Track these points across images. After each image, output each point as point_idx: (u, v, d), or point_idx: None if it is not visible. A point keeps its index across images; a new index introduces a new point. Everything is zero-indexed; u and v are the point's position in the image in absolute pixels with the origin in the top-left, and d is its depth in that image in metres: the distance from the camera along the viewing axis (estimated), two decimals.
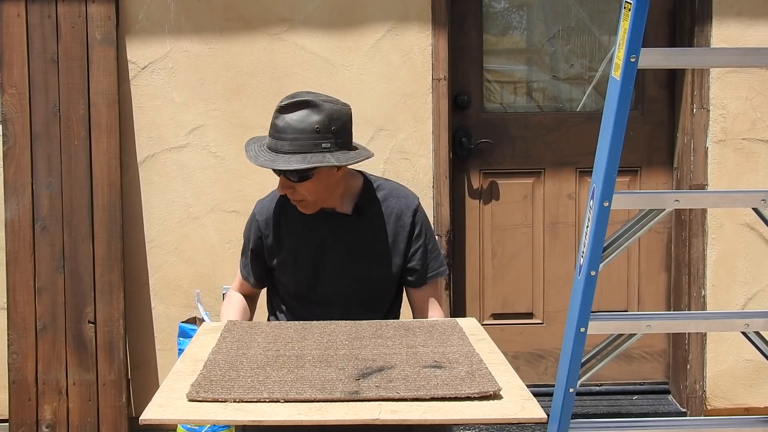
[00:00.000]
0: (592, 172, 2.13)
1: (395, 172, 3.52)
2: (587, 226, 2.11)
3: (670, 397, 3.80)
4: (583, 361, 2.18)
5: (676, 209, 2.65)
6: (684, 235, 3.64)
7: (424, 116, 3.52)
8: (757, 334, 2.28)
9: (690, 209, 3.57)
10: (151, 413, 1.69)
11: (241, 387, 1.76)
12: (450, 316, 3.54)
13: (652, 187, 3.72)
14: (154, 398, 1.75)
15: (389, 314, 2.43)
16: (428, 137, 3.53)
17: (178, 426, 3.29)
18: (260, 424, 1.68)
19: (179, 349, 3.41)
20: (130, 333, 3.54)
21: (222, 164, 3.53)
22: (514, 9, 3.78)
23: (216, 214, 3.55)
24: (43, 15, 3.42)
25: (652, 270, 3.79)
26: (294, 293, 2.40)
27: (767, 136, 3.56)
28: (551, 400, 2.21)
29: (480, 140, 3.68)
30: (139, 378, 3.59)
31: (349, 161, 2.19)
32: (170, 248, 3.56)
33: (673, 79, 3.70)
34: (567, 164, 3.73)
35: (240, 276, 2.51)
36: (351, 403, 1.70)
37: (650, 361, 3.84)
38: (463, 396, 1.72)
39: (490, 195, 3.74)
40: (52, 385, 3.44)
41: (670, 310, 3.75)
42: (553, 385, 2.23)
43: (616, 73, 2.02)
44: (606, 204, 2.06)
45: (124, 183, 3.49)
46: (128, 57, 3.48)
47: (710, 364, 3.64)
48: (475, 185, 3.73)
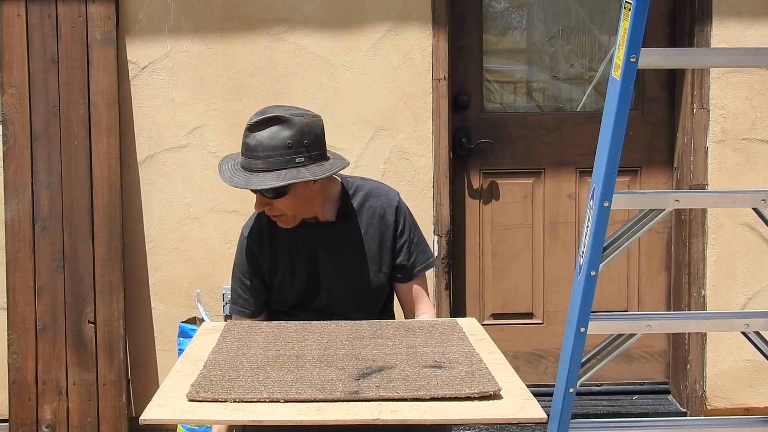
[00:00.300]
0: (592, 172, 2.13)
1: (395, 172, 3.52)
2: (587, 226, 2.11)
3: (670, 397, 3.79)
4: (583, 361, 2.18)
5: (676, 209, 2.65)
6: (684, 235, 3.64)
7: (424, 116, 3.52)
8: (757, 334, 2.27)
9: (690, 209, 3.56)
10: (151, 413, 1.68)
11: (241, 387, 1.76)
12: (450, 316, 3.54)
13: (652, 187, 3.72)
14: (154, 398, 1.75)
15: (383, 312, 2.44)
16: (428, 137, 3.53)
17: (178, 426, 3.29)
18: (260, 424, 1.67)
19: (179, 349, 3.41)
20: (130, 333, 3.54)
21: None
22: (514, 9, 3.78)
23: (216, 214, 3.55)
24: (43, 15, 3.42)
25: (652, 270, 3.79)
26: (293, 305, 2.40)
27: (767, 136, 3.56)
28: (551, 400, 2.21)
29: (480, 140, 3.67)
30: (139, 378, 3.59)
31: (324, 173, 2.17)
32: (170, 248, 3.56)
33: (673, 79, 3.70)
34: (567, 164, 3.73)
35: (234, 316, 2.41)
36: (351, 403, 1.70)
37: (650, 361, 3.84)
38: (463, 396, 1.72)
39: (490, 195, 3.74)
40: (52, 385, 3.44)
41: (670, 310, 3.75)
42: (553, 385, 2.23)
43: (616, 73, 2.02)
44: (606, 204, 2.06)
45: (124, 183, 3.49)
46: (128, 57, 3.48)
47: (710, 364, 3.64)
48: (475, 185, 3.73)
